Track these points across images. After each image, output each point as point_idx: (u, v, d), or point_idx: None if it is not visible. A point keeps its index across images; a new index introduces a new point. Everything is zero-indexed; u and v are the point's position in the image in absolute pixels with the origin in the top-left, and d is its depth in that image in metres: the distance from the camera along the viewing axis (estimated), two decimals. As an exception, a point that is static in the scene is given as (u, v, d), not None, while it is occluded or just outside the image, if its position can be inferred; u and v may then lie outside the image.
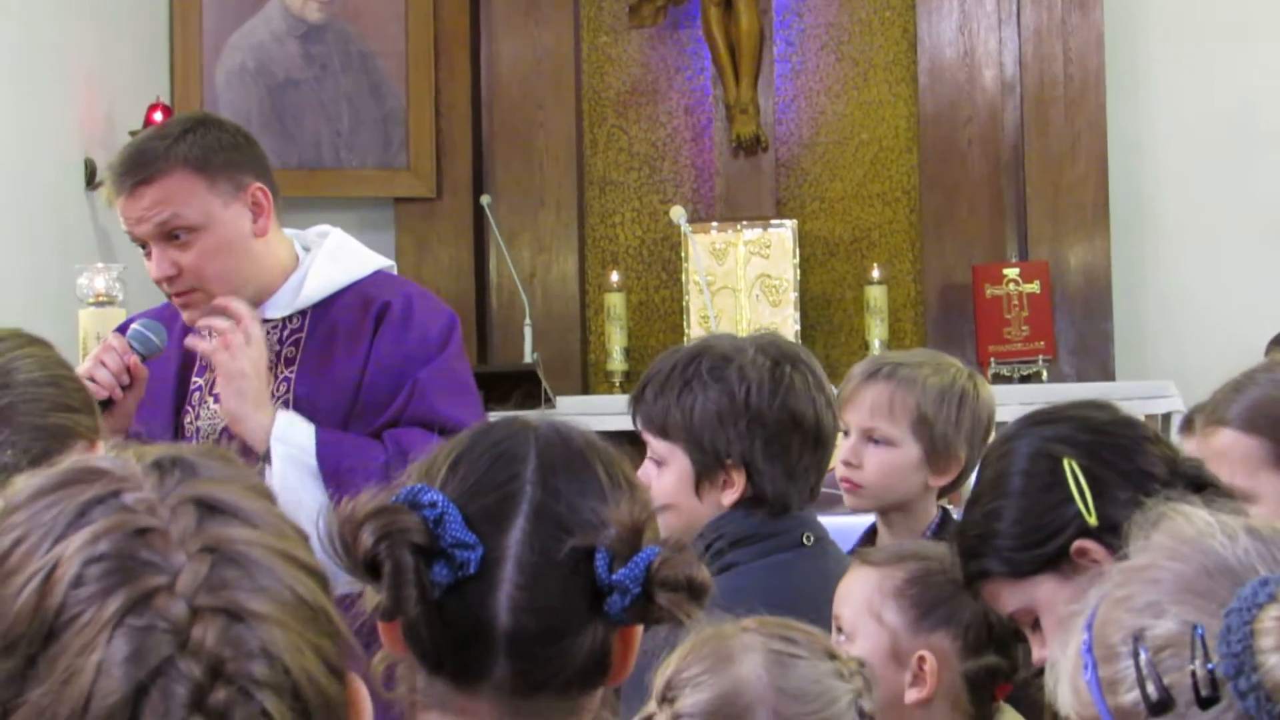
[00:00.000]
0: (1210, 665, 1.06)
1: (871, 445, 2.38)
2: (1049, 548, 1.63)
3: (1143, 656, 1.09)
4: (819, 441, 2.21)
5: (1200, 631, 1.08)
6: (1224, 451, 1.83)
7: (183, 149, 2.56)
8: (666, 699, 1.45)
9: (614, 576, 1.15)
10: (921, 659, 1.81)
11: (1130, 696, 1.09)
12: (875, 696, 1.56)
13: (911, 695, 1.82)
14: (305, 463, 2.60)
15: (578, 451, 1.22)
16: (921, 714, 1.83)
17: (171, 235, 2.54)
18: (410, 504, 1.15)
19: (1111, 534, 1.46)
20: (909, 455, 2.37)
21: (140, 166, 2.55)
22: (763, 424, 2.14)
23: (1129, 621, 1.12)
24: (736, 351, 2.19)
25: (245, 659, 0.78)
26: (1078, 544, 1.57)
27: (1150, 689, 1.08)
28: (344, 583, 2.31)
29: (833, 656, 1.54)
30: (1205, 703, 1.06)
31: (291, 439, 2.59)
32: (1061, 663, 1.19)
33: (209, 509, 0.82)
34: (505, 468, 1.20)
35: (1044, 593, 1.65)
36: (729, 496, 2.13)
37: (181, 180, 2.53)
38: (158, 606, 0.77)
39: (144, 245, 2.59)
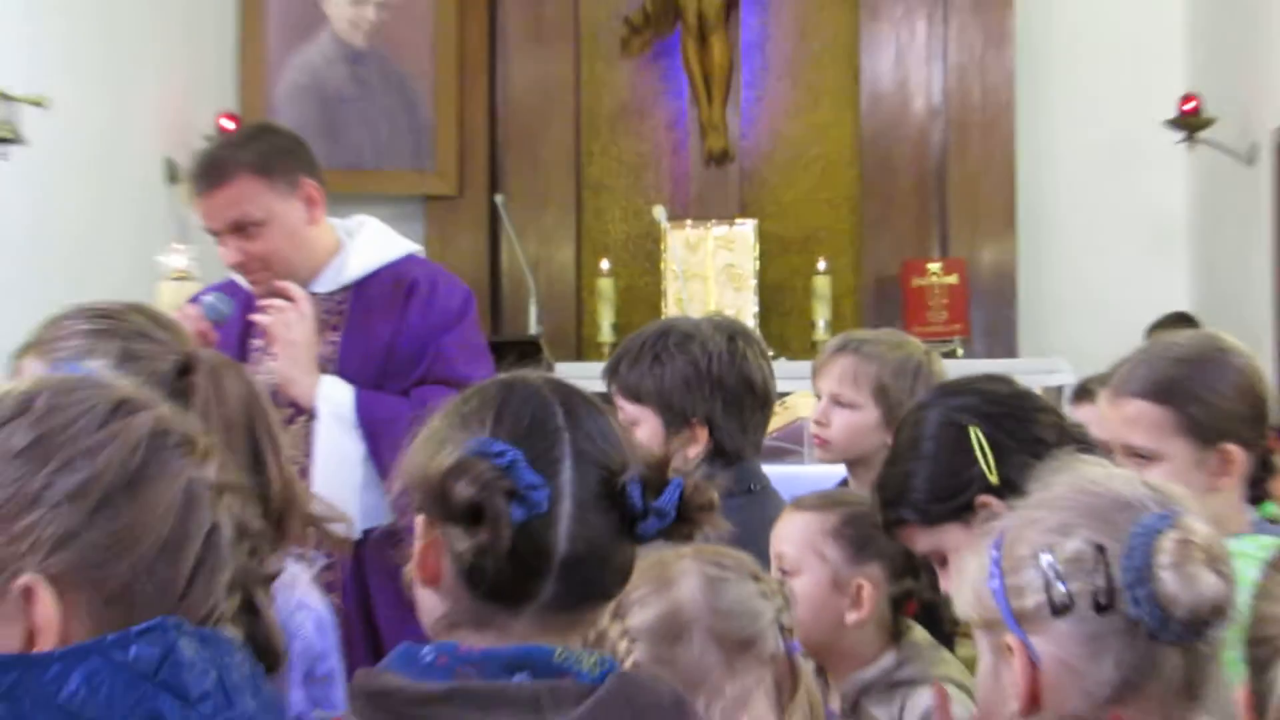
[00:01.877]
0: (1109, 576, 1.15)
1: (838, 408, 2.49)
2: (956, 502, 1.72)
3: (1052, 566, 1.17)
4: (766, 403, 2.35)
5: (1104, 548, 1.16)
6: (1135, 419, 1.84)
7: (247, 155, 2.68)
8: (617, 616, 1.48)
9: (654, 503, 1.18)
10: (860, 586, 1.91)
11: (1034, 600, 1.18)
12: (793, 613, 1.62)
13: (852, 617, 1.92)
14: (345, 417, 2.69)
15: (583, 398, 1.24)
16: (856, 632, 1.93)
17: (240, 229, 2.66)
18: (481, 455, 1.15)
19: (1010, 490, 1.51)
20: (869, 417, 2.47)
21: (213, 173, 2.67)
22: (723, 388, 2.27)
23: (1039, 539, 1.19)
24: (696, 329, 2.33)
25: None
26: (980, 498, 1.65)
27: (1055, 593, 1.16)
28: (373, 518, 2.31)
29: (757, 579, 1.59)
30: (1101, 609, 1.15)
31: (334, 397, 2.69)
32: (966, 574, 1.27)
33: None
34: (543, 416, 1.20)
35: (951, 538, 1.74)
36: (694, 450, 2.23)
37: (247, 183, 2.65)
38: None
39: (217, 235, 2.73)
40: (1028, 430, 1.74)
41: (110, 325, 1.66)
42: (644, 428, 2.28)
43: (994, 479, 1.64)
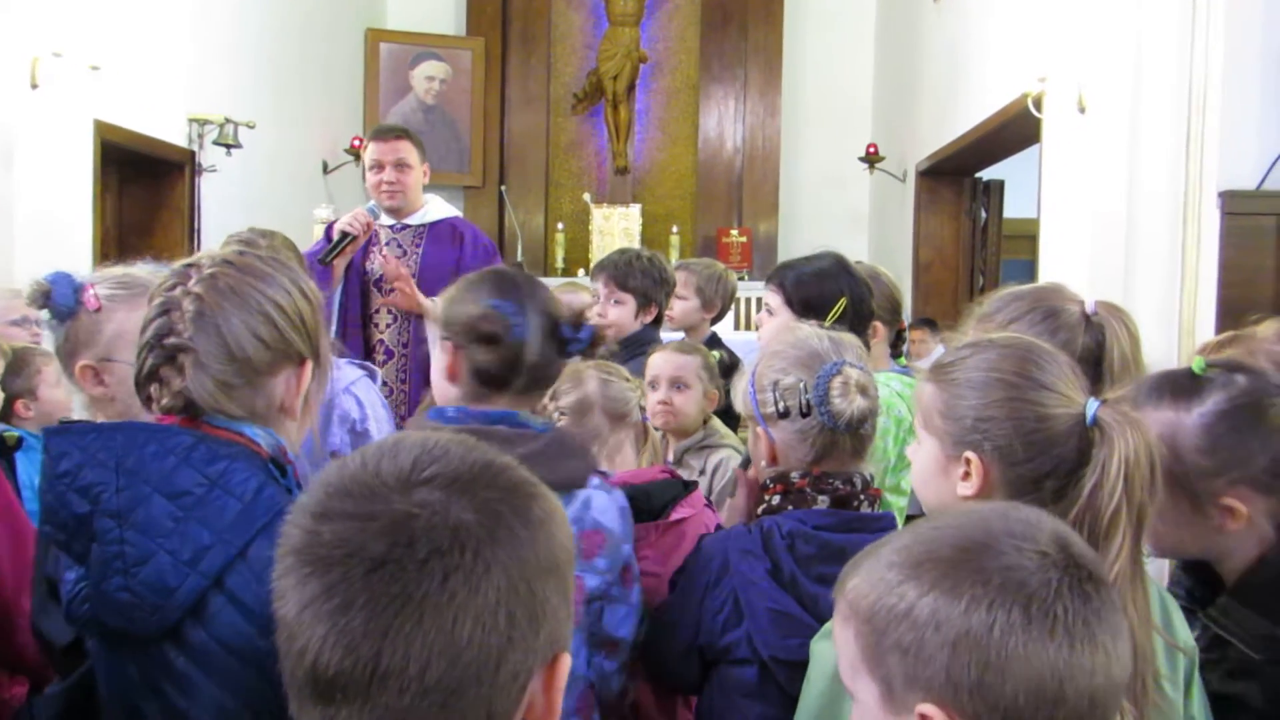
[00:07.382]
0: (807, 399, 1.47)
1: (678, 300, 3.04)
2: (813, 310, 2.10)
3: (777, 391, 1.48)
4: (671, 291, 2.98)
5: (804, 383, 1.48)
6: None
7: (410, 134, 3.49)
8: (552, 397, 1.81)
9: (578, 335, 1.53)
10: (712, 395, 2.38)
11: (770, 409, 1.50)
12: (646, 400, 2.04)
13: (708, 409, 2.39)
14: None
15: (532, 279, 1.62)
16: (699, 417, 2.42)
17: (398, 165, 3.41)
18: (495, 308, 1.51)
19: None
20: (692, 305, 3.06)
21: (395, 131, 3.46)
22: (662, 282, 2.88)
23: (771, 375, 1.53)
24: (642, 251, 2.95)
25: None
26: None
27: (780, 406, 1.47)
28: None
29: (627, 379, 1.93)
30: (804, 416, 1.49)
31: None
32: (737, 391, 1.63)
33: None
34: (515, 286, 1.58)
35: (780, 314, 2.10)
36: (650, 317, 2.86)
37: (407, 143, 3.46)
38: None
39: (377, 169, 3.36)
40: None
41: (254, 236, 2.33)
42: (626, 307, 2.74)
43: (827, 323, 1.77)
